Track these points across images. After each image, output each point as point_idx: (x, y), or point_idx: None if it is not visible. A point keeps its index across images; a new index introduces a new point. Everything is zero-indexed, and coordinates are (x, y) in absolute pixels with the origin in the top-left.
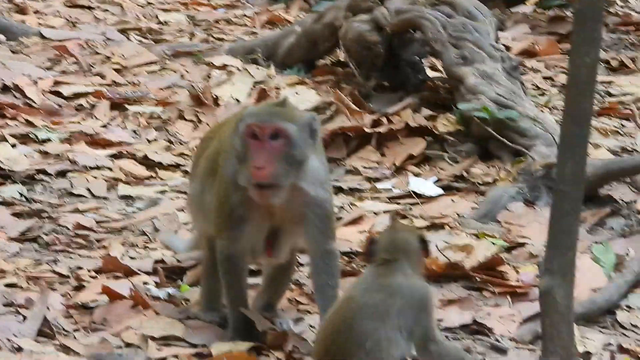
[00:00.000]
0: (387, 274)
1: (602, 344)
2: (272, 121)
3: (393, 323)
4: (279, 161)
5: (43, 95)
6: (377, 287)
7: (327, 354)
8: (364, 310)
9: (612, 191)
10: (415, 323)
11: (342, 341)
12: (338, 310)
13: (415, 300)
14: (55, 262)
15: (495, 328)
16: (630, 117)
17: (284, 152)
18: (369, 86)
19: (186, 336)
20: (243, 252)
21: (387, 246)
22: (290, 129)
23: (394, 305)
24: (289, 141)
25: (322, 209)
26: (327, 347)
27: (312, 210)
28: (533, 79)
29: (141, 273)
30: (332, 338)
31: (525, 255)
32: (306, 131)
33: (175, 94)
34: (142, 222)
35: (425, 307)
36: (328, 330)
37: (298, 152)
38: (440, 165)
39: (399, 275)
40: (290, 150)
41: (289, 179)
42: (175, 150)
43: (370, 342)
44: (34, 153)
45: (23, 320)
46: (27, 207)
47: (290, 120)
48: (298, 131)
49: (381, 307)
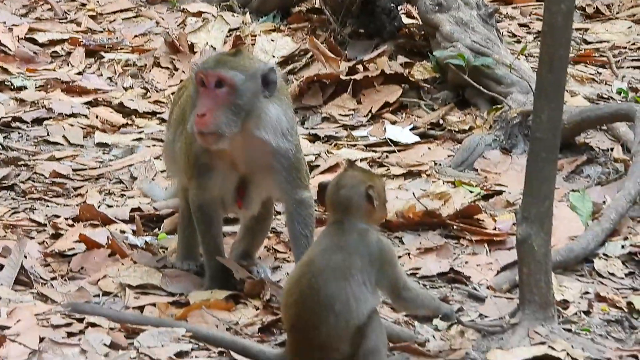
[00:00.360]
0: (341, 234)
1: (579, 292)
2: (217, 69)
3: (357, 280)
4: (222, 109)
5: (18, 42)
6: (335, 248)
7: (298, 320)
8: (327, 273)
9: (589, 139)
10: (380, 276)
11: (311, 306)
12: (302, 274)
13: (374, 257)
14: (32, 210)
15: (473, 276)
16: (606, 64)
17: (228, 101)
18: (345, 33)
19: (164, 285)
20: (213, 201)
21: (332, 205)
22: (235, 77)
23: (354, 264)
24: (233, 90)
25: (286, 159)
26: (297, 312)
27: (278, 161)
28: (509, 26)
29: (118, 221)
30: (300, 303)
31: (502, 203)
32: (256, 81)
33: (150, 41)
34: (119, 170)
35: (386, 259)
36: (295, 296)
37: (244, 102)
38: (416, 113)
39: (353, 233)
40: (235, 99)
41: (232, 128)
42: (151, 98)
43: (338, 304)
44: (10, 100)
45: (0, 269)
46: (3, 155)
47: (237, 69)
48: (245, 80)
49: (343, 267)
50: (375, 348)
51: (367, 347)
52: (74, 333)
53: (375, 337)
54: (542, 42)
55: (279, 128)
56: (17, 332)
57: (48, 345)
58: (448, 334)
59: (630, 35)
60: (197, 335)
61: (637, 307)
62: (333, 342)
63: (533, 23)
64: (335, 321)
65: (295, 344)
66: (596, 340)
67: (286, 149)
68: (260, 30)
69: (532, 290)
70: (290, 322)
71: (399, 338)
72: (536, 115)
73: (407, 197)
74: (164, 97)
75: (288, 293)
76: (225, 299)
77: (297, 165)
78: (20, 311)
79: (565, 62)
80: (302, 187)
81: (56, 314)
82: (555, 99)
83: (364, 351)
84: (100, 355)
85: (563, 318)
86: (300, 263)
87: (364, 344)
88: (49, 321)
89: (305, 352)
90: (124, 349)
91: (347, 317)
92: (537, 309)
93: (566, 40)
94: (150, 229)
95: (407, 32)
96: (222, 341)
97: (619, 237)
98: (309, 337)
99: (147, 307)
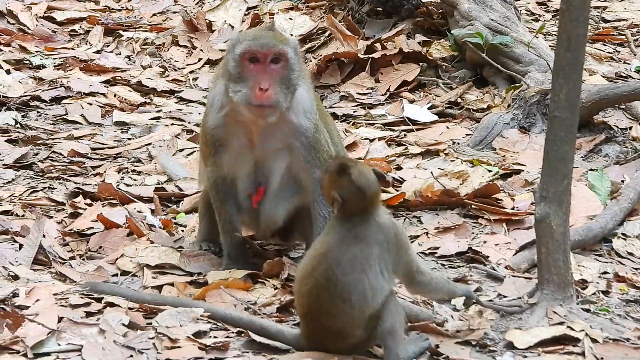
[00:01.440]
0: (358, 224)
1: (598, 272)
2: (275, 45)
3: (374, 271)
4: (278, 83)
5: (37, 21)
6: (351, 239)
7: (312, 309)
8: (344, 265)
9: (607, 117)
10: (396, 262)
11: (326, 296)
12: (317, 265)
13: (391, 243)
14: (51, 189)
15: (491, 256)
16: (625, 42)
17: (284, 75)
18: (363, 12)
19: (182, 265)
20: (227, 179)
21: (350, 202)
22: (289, 53)
23: (372, 254)
24: (287, 64)
25: (306, 138)
26: (311, 302)
27: (297, 139)
28: (527, 5)
29: (137, 200)
30: (314, 293)
31: (520, 183)
32: (298, 54)
33: (168, 19)
34: (137, 149)
35: (401, 243)
36: (309, 285)
37: (295, 76)
38: (434, 92)
39: (370, 222)
40: (289, 73)
41: (287, 102)
42: (170, 76)
43: (354, 295)
44: (28, 79)
45: (19, 248)
46: (21, 134)
47: (289, 45)
48: (294, 54)
49: (361, 259)
50: (392, 329)
51: (384, 329)
52: (92, 313)
53: (391, 319)
54: (560, 20)
55: (303, 106)
56: (36, 311)
57: (66, 325)
58: (467, 314)
59: None
60: (215, 315)
61: None
62: (348, 329)
63: (551, 1)
64: (351, 310)
65: (308, 330)
66: (615, 321)
67: (306, 127)
68: (278, 9)
69: (551, 270)
70: (304, 310)
71: (418, 318)
72: (554, 94)
73: (425, 177)
74: (182, 75)
75: (302, 282)
76: (243, 279)
77: (316, 145)
78: (39, 291)
79: (583, 40)
80: (320, 167)
81: (75, 294)
82: (573, 77)
83: (381, 332)
84: (119, 334)
85: (582, 298)
86: (313, 253)
87: (381, 326)
88: (68, 301)
89: (319, 337)
90: (142, 329)
91: (363, 307)
92: (555, 289)
93: (584, 18)
94: (169, 208)
95: (425, 11)
96: (240, 321)
97: (637, 217)
98: (324, 325)
99: (165, 287)
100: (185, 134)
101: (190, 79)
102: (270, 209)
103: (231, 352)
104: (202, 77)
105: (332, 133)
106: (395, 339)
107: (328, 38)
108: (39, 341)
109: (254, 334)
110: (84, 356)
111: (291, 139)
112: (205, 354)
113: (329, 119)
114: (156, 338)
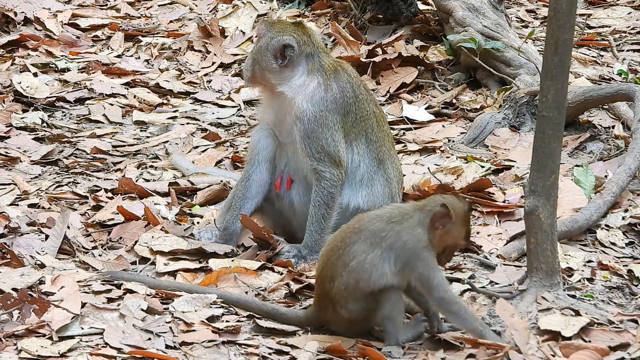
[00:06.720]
0: (404, 214)
1: (583, 260)
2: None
3: (380, 252)
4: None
5: (62, 27)
6: (386, 217)
7: (322, 269)
8: (363, 233)
9: (592, 117)
10: (406, 266)
11: (335, 258)
12: (347, 227)
13: (407, 248)
14: (75, 184)
15: (484, 245)
16: (608, 47)
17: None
18: (365, 19)
19: (193, 252)
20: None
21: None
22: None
23: (387, 239)
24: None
25: (303, 124)
26: (324, 262)
27: (296, 124)
28: (517, 12)
29: (154, 194)
30: (329, 253)
31: (511, 177)
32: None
33: (184, 26)
34: (155, 147)
35: (418, 256)
36: (330, 245)
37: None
38: (431, 93)
39: (411, 218)
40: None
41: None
42: (185, 79)
43: (354, 262)
44: (54, 82)
45: (45, 239)
46: (48, 132)
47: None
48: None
49: (379, 235)
50: (390, 315)
51: (382, 314)
52: (113, 299)
53: (389, 306)
54: (548, 26)
55: (309, 94)
56: (61, 297)
57: (89, 310)
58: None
59: (630, 21)
60: (228, 300)
61: (637, 274)
62: (341, 297)
63: (540, 9)
64: (347, 277)
65: (316, 293)
66: (599, 306)
67: (304, 110)
68: (286, 16)
69: (539, 258)
70: (317, 271)
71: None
72: (542, 95)
73: (422, 172)
74: (197, 78)
75: (329, 241)
76: (245, 267)
77: (314, 134)
78: (64, 278)
79: (570, 45)
80: (318, 160)
81: (97, 281)
82: (560, 79)
83: (380, 318)
84: (138, 319)
85: (568, 285)
86: (357, 217)
87: (379, 312)
88: (90, 288)
89: (322, 303)
90: (159, 313)
91: (357, 277)
92: (543, 276)
93: (570, 24)
94: (184, 201)
95: (423, 18)
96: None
97: (619, 209)
98: (325, 289)
99: (178, 273)
100: (200, 132)
101: (204, 82)
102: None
103: (242, 335)
104: (215, 79)
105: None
106: (394, 324)
107: (333, 43)
108: (63, 325)
109: (264, 317)
110: (106, 339)
111: (293, 126)
112: (218, 337)
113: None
114: (172, 322)
